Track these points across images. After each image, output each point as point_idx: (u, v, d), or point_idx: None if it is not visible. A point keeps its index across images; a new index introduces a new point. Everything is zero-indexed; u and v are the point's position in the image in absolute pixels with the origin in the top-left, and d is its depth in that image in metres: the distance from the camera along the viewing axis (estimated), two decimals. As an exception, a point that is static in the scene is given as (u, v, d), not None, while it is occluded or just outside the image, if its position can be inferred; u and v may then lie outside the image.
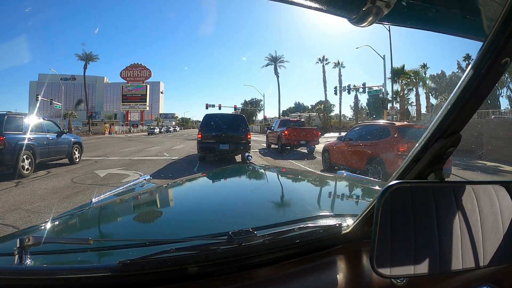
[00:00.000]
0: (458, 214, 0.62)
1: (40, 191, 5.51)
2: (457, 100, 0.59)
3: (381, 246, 0.57)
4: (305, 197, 1.34)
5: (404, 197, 0.60)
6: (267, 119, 53.44)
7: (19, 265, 0.65)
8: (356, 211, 0.84)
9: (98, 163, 9.62)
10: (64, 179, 6.74)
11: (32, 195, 5.19)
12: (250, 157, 2.35)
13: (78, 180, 6.63)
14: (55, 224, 1.07)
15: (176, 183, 1.77)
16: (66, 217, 1.18)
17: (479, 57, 0.55)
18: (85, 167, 8.63)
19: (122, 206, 1.32)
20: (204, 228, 0.93)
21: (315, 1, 0.63)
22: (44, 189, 5.74)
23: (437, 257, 0.60)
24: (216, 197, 1.39)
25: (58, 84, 52.98)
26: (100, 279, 0.63)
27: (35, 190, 5.60)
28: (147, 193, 1.54)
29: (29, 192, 5.47)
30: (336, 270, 0.75)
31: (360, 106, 55.72)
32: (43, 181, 6.61)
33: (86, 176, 7.15)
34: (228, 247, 0.70)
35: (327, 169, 8.04)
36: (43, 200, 4.90)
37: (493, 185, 0.66)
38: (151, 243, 0.77)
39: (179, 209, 1.26)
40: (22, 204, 4.58)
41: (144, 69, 66.29)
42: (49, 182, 6.48)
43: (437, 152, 0.64)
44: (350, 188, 1.65)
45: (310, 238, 0.78)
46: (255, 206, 1.20)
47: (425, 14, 0.69)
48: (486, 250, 0.62)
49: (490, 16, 0.62)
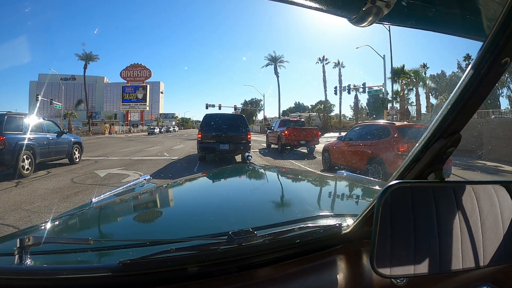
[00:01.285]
0: (458, 214, 0.62)
1: (40, 191, 5.51)
2: (457, 100, 0.59)
3: (381, 246, 0.57)
4: (305, 197, 1.34)
5: (404, 197, 0.60)
6: (267, 119, 53.18)
7: (19, 265, 0.65)
8: (356, 211, 0.84)
9: (98, 163, 9.62)
10: (64, 179, 6.74)
11: (32, 195, 5.19)
12: (250, 157, 2.35)
13: (78, 180, 6.63)
14: (55, 224, 1.07)
15: (176, 183, 1.77)
16: (66, 217, 1.18)
17: (479, 57, 0.55)
18: (85, 167, 8.62)
19: (122, 206, 1.32)
20: (204, 228, 0.93)
21: (315, 1, 0.63)
22: (44, 189, 5.73)
23: (437, 257, 0.60)
24: (216, 197, 1.39)
25: (58, 84, 52.79)
26: (101, 279, 0.63)
27: (35, 190, 5.59)
28: (147, 193, 1.54)
29: (29, 192, 5.47)
30: (336, 270, 0.75)
31: (360, 106, 55.79)
32: (43, 181, 6.61)
33: (86, 176, 7.15)
34: (228, 247, 0.70)
35: (327, 169, 8.07)
36: (43, 200, 4.90)
37: (493, 185, 0.66)
38: (151, 243, 0.77)
39: (179, 209, 1.26)
40: (22, 204, 4.58)
41: (144, 69, 65.97)
42: (49, 182, 6.48)
43: (437, 152, 0.64)
44: (350, 188, 1.65)
45: (310, 238, 0.78)
46: (255, 206, 1.20)
47: (425, 14, 0.69)
48: (486, 250, 0.62)
49: (490, 16, 0.62)
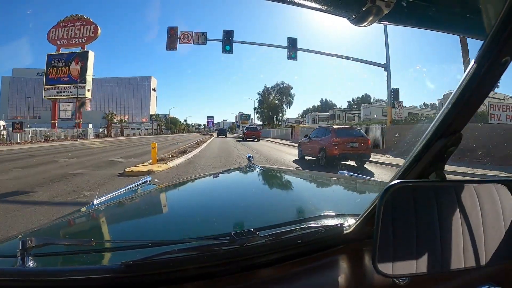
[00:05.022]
0: (460, 213, 0.62)
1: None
2: (457, 99, 0.59)
3: (382, 246, 0.57)
4: (307, 197, 1.34)
5: (405, 197, 0.60)
6: (289, 120, 43.30)
7: (21, 267, 0.65)
8: (358, 211, 0.84)
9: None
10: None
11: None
12: (251, 158, 2.35)
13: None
14: (57, 226, 1.07)
15: (178, 184, 1.77)
16: (68, 218, 1.18)
17: (479, 56, 0.55)
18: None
19: (124, 208, 1.32)
20: (206, 229, 0.93)
21: (315, 1, 0.63)
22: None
23: (438, 257, 0.60)
24: (218, 198, 1.39)
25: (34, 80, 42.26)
26: (103, 280, 0.64)
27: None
28: (149, 194, 1.54)
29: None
30: (338, 270, 0.75)
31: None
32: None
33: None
34: (230, 248, 0.70)
35: (300, 158, 12.36)
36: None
37: (495, 183, 0.66)
38: (154, 244, 0.77)
39: (181, 210, 1.26)
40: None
41: (86, 24, 37.27)
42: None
43: (438, 151, 0.64)
44: (351, 188, 1.65)
45: (312, 238, 0.78)
46: (257, 206, 1.20)
47: (425, 13, 0.69)
48: (487, 249, 0.62)
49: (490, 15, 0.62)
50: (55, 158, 13.05)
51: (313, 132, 12.46)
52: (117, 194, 1.38)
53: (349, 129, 11.49)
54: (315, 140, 11.39)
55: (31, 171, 9.26)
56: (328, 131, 10.91)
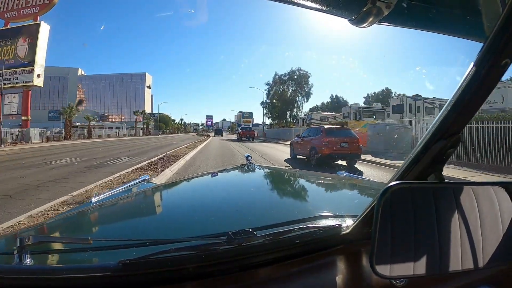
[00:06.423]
0: (458, 215, 0.62)
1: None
2: (457, 101, 0.59)
3: (380, 247, 0.57)
4: (305, 197, 1.34)
5: (404, 198, 0.60)
6: (310, 117, 34.53)
7: (19, 265, 0.65)
8: (356, 211, 0.84)
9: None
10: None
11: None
12: (250, 157, 2.34)
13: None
14: (55, 224, 1.07)
15: (176, 183, 1.77)
16: (65, 216, 1.18)
17: (479, 58, 0.55)
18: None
19: (121, 206, 1.32)
20: (204, 228, 0.93)
21: (315, 1, 0.63)
22: None
23: (436, 258, 0.60)
24: (216, 197, 1.39)
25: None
26: (100, 278, 0.63)
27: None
28: (147, 193, 1.54)
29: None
30: (336, 270, 0.75)
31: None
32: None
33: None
34: (228, 247, 0.70)
35: (292, 157, 12.65)
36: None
37: (493, 186, 0.66)
38: (151, 243, 0.77)
39: (179, 209, 1.26)
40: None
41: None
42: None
43: (437, 153, 0.64)
44: (350, 188, 1.65)
45: (310, 239, 0.78)
46: (255, 206, 1.20)
47: (425, 14, 0.69)
48: (485, 251, 0.62)
49: (490, 17, 0.62)
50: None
51: (305, 131, 12.72)
52: (115, 192, 1.38)
53: (340, 129, 11.70)
54: (307, 139, 11.54)
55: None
56: (319, 131, 11.19)
